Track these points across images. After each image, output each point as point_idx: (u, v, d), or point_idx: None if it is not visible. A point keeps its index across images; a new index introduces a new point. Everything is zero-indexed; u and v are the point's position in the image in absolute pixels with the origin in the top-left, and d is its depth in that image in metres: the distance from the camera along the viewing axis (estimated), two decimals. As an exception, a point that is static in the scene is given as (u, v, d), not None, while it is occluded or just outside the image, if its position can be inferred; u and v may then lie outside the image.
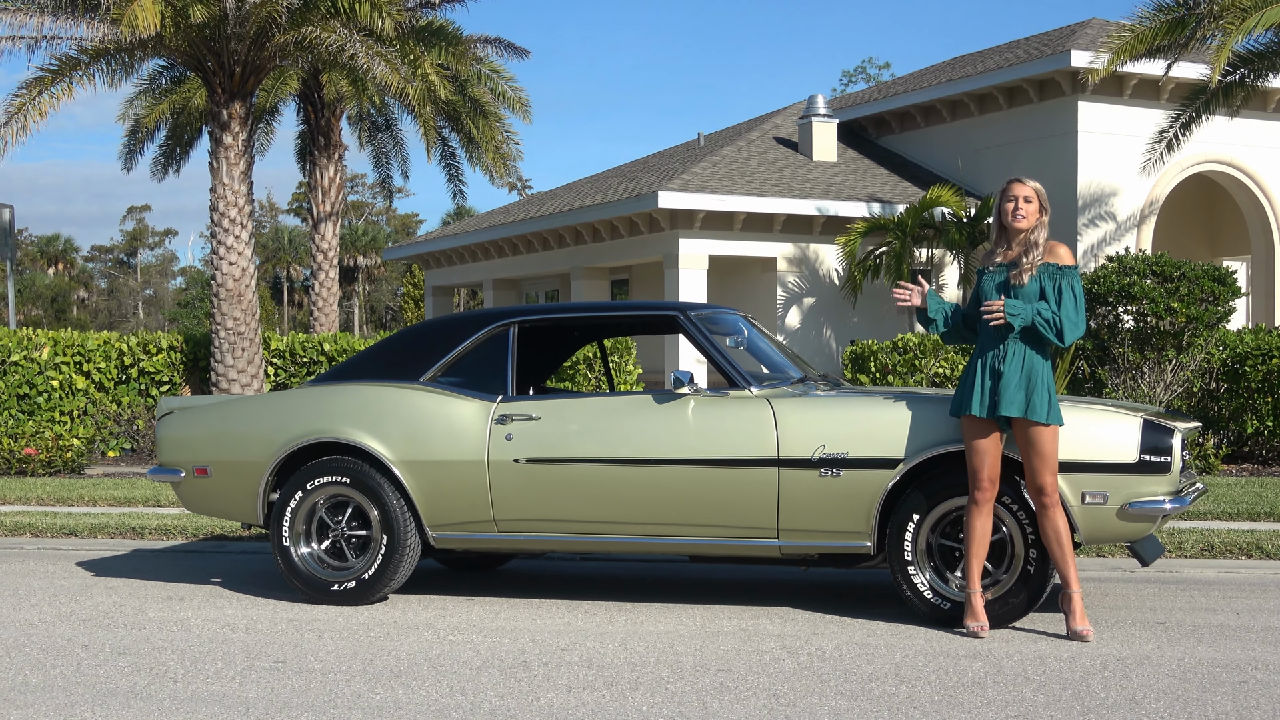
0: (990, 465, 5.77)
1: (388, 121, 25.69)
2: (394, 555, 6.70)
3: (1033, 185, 5.93)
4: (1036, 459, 5.72)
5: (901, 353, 15.01)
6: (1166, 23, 16.52)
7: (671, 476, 6.32)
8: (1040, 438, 5.71)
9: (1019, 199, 5.90)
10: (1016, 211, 5.89)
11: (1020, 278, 5.83)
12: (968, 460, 5.82)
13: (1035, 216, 5.91)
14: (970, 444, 5.79)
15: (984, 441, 5.77)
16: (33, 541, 9.54)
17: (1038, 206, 5.92)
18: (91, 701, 4.91)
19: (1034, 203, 5.91)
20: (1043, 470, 5.72)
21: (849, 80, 57.62)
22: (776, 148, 24.52)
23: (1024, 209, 5.89)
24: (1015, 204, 5.90)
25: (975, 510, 5.80)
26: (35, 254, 78.29)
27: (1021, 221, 5.89)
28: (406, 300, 56.49)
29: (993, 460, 5.77)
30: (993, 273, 5.96)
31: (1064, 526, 5.76)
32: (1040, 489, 5.73)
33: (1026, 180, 5.95)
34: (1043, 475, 5.72)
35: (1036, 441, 5.71)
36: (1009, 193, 5.94)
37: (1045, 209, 5.95)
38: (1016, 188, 5.93)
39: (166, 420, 7.38)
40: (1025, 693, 4.89)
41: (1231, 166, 22.53)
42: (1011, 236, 5.95)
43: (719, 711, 4.70)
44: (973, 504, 5.81)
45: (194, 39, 15.39)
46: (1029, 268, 5.83)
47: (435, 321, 7.43)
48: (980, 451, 5.77)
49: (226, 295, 16.40)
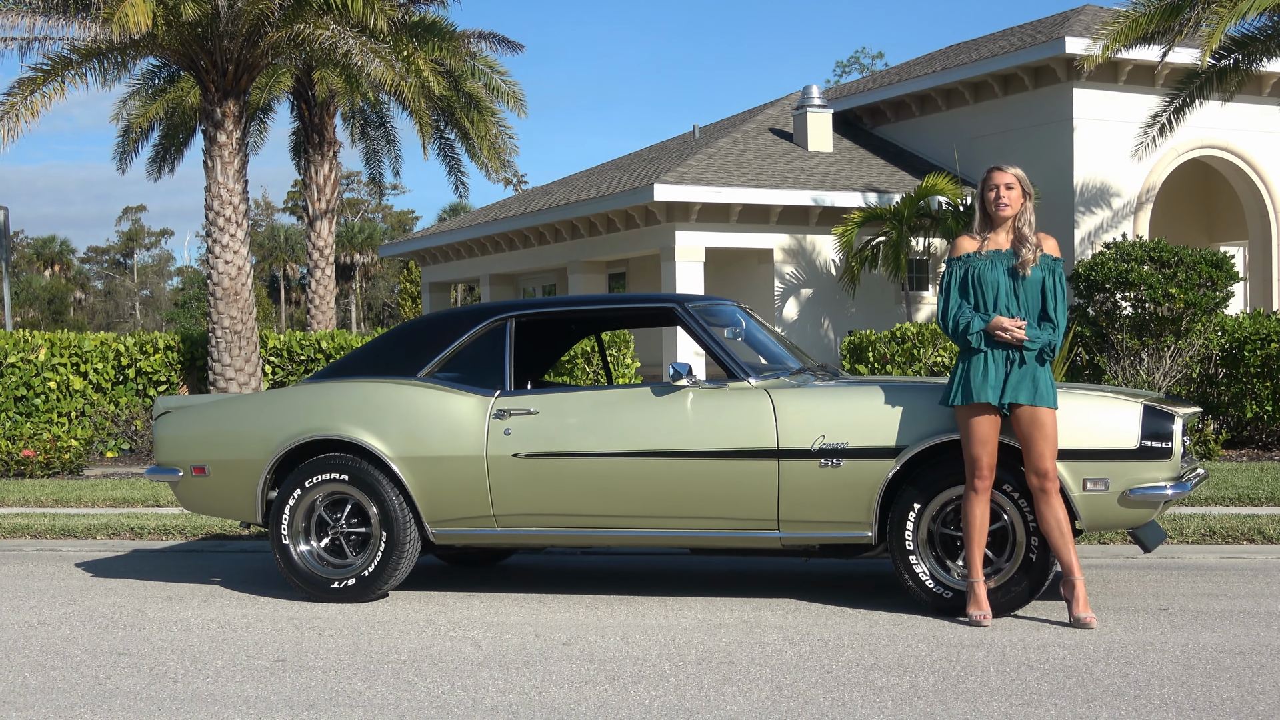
0: (991, 452, 5.77)
1: (381, 118, 25.64)
2: (393, 552, 6.68)
3: (1013, 172, 5.94)
4: (1042, 443, 5.70)
5: (900, 342, 15.00)
6: (1160, 8, 16.48)
7: (671, 469, 6.30)
8: (1046, 420, 5.71)
9: (1000, 187, 5.92)
10: (999, 200, 5.91)
11: (1025, 269, 5.84)
12: (966, 449, 5.80)
13: (1019, 202, 5.92)
14: (970, 432, 5.78)
15: (985, 430, 5.75)
16: (32, 543, 9.52)
17: (1020, 192, 5.93)
18: (91, 702, 4.89)
19: (1015, 189, 5.92)
20: (1045, 454, 5.71)
21: (843, 71, 57.59)
22: (772, 139, 24.49)
23: (1006, 196, 5.91)
24: (997, 192, 5.92)
25: (974, 498, 5.79)
26: (32, 256, 78.22)
27: (1006, 210, 5.90)
28: (403, 297, 56.46)
29: (993, 447, 5.77)
30: (985, 259, 5.91)
31: (1063, 513, 5.74)
32: (1043, 473, 5.72)
33: (1006, 167, 5.96)
34: (1045, 460, 5.71)
35: (1042, 425, 5.71)
36: (990, 181, 5.96)
37: (1029, 194, 5.97)
38: (997, 175, 5.95)
39: (164, 420, 7.36)
40: (1029, 681, 4.87)
41: (1228, 151, 22.50)
42: (997, 224, 5.96)
43: (722, 704, 4.68)
44: (971, 491, 5.80)
45: (186, 37, 15.34)
46: (1031, 259, 5.83)
47: (432, 317, 7.40)
48: (981, 439, 5.75)
49: (223, 294, 16.37)
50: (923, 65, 25.31)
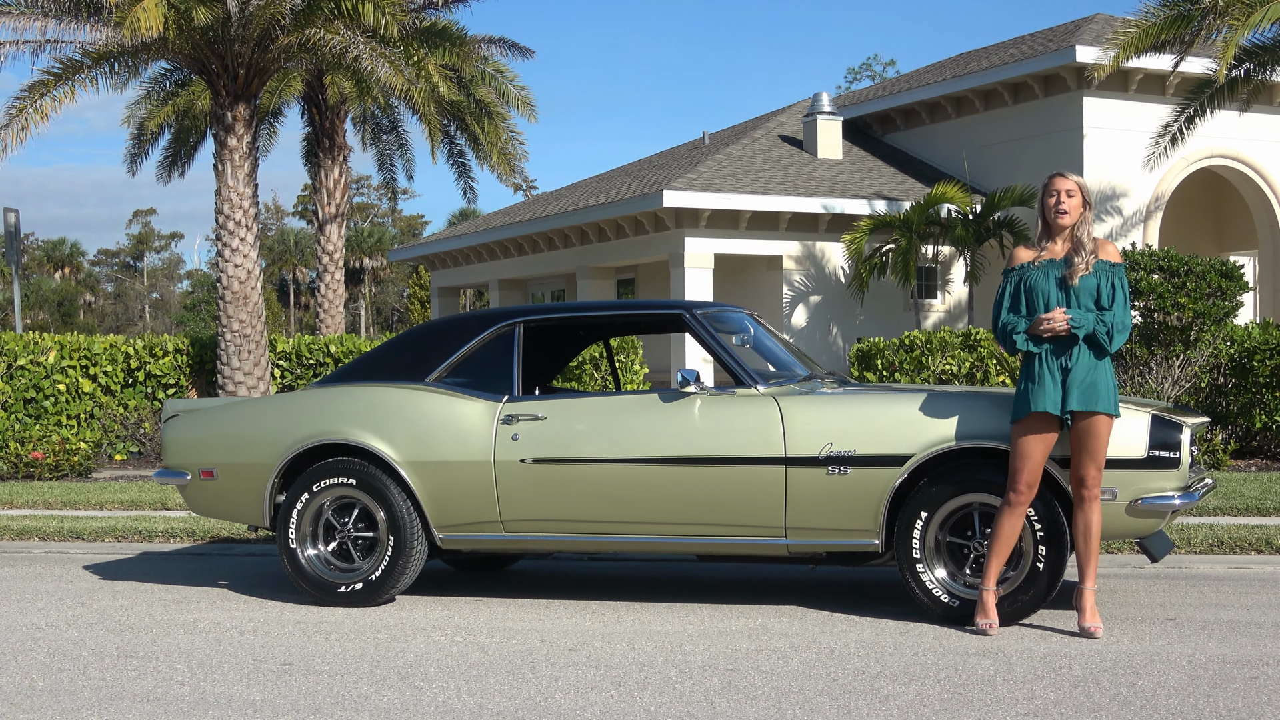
0: (1032, 470, 5.69)
1: (393, 123, 25.68)
2: (401, 556, 6.68)
3: (1075, 179, 5.87)
4: (1094, 448, 5.65)
5: (908, 350, 14.98)
6: (1171, 17, 16.47)
7: (678, 476, 6.30)
8: (1101, 428, 5.66)
9: (1061, 193, 5.83)
10: (1059, 206, 5.82)
11: (1074, 277, 5.74)
12: (1011, 461, 5.74)
13: (1079, 211, 5.84)
14: (1020, 445, 5.71)
15: (1035, 444, 5.68)
16: (40, 545, 9.54)
17: (1080, 200, 5.84)
18: (98, 705, 4.90)
19: (1076, 196, 5.84)
20: (1090, 462, 5.67)
21: (854, 78, 57.54)
22: (782, 146, 24.49)
23: (1066, 203, 5.81)
24: (1057, 198, 5.83)
25: (1008, 511, 5.74)
26: (42, 258, 78.46)
27: (1065, 217, 5.82)
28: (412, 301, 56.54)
29: (1035, 465, 5.69)
30: (1039, 269, 5.84)
31: (1097, 522, 5.71)
32: (1084, 480, 5.69)
33: (1069, 174, 5.89)
34: (1089, 467, 5.67)
35: (1096, 432, 5.65)
36: (1051, 187, 5.88)
37: (1089, 203, 5.88)
38: (1058, 182, 5.87)
39: (172, 423, 7.37)
40: (1035, 690, 4.86)
41: (1238, 161, 22.47)
42: (1055, 232, 5.87)
43: (727, 711, 4.68)
44: (1006, 505, 5.74)
45: (197, 41, 15.38)
46: (1084, 265, 5.76)
47: (440, 322, 7.41)
48: (1027, 454, 5.69)
49: (232, 298, 16.40)
50: (933, 73, 25.30)
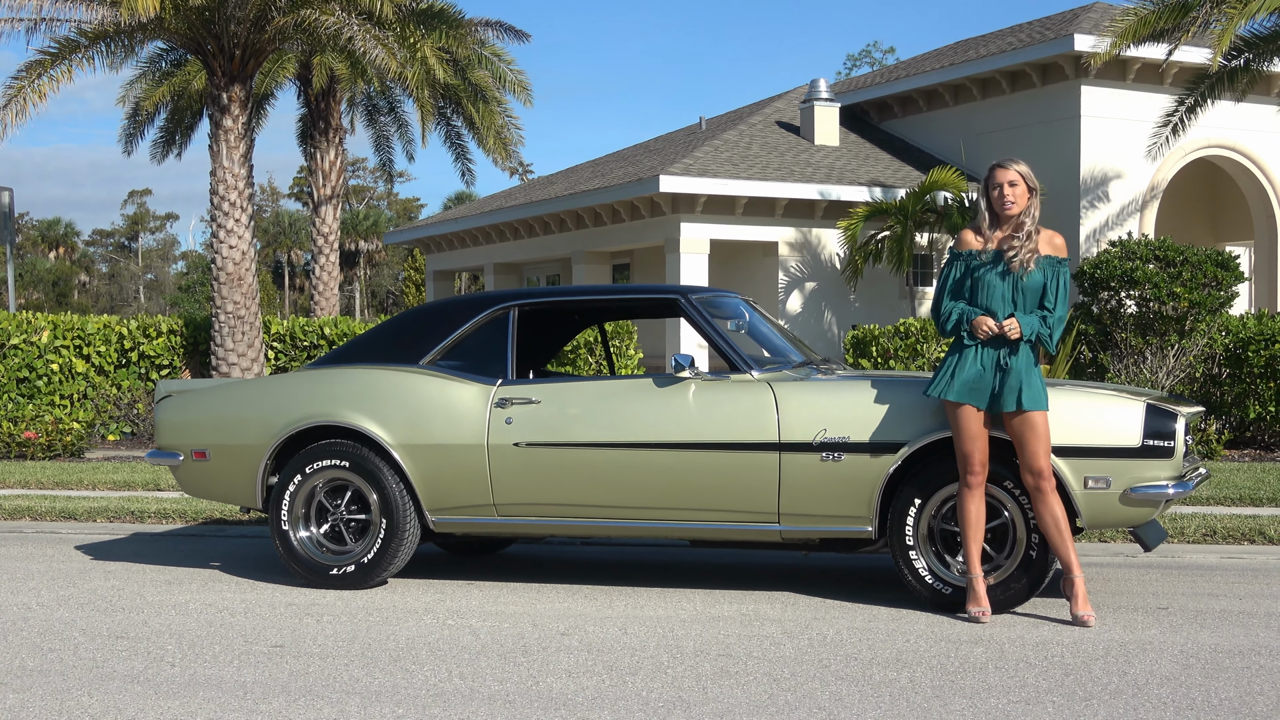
0: (982, 449, 5.75)
1: (390, 104, 25.60)
2: (393, 539, 6.67)
3: (1015, 168, 5.82)
4: (1035, 443, 5.67)
5: (903, 337, 14.98)
6: (1169, 6, 16.45)
7: (672, 460, 6.29)
8: (1038, 422, 5.68)
9: (1004, 185, 5.80)
10: (1004, 199, 5.80)
11: (1023, 269, 5.74)
12: (957, 445, 5.78)
13: (1025, 199, 5.82)
14: (962, 430, 5.75)
15: (975, 427, 5.74)
16: (31, 525, 9.52)
17: (1025, 189, 5.82)
18: (89, 685, 4.89)
19: (1020, 185, 5.80)
20: (1039, 454, 5.68)
21: (853, 64, 57.44)
22: (778, 132, 24.45)
23: (1010, 194, 5.79)
24: (1000, 190, 5.81)
25: (969, 494, 5.78)
26: (36, 238, 78.25)
27: (1012, 208, 5.80)
28: (408, 284, 56.48)
29: (984, 444, 5.75)
30: (987, 263, 5.82)
31: (1061, 511, 5.72)
32: (1039, 472, 5.69)
33: (1008, 163, 5.84)
34: (1039, 459, 5.68)
35: (1034, 426, 5.67)
36: (993, 179, 5.85)
37: (1034, 189, 5.86)
38: (999, 173, 5.83)
39: (165, 403, 7.36)
40: (1027, 678, 4.86)
41: (1235, 151, 22.45)
42: (1004, 222, 5.87)
43: (719, 696, 4.68)
44: (965, 488, 5.78)
45: (193, 21, 15.32)
46: (1028, 257, 5.76)
47: (435, 305, 7.39)
48: (972, 436, 5.74)
49: (227, 279, 16.36)
50: (930, 60, 25.25)
